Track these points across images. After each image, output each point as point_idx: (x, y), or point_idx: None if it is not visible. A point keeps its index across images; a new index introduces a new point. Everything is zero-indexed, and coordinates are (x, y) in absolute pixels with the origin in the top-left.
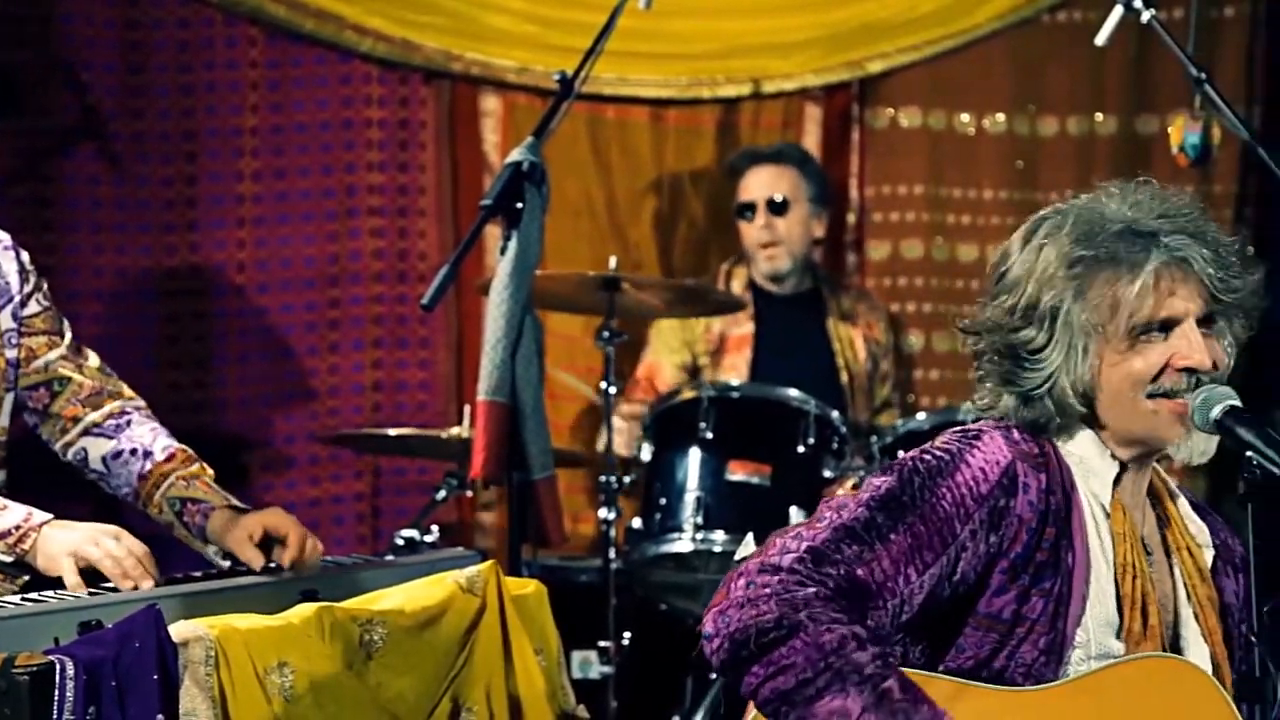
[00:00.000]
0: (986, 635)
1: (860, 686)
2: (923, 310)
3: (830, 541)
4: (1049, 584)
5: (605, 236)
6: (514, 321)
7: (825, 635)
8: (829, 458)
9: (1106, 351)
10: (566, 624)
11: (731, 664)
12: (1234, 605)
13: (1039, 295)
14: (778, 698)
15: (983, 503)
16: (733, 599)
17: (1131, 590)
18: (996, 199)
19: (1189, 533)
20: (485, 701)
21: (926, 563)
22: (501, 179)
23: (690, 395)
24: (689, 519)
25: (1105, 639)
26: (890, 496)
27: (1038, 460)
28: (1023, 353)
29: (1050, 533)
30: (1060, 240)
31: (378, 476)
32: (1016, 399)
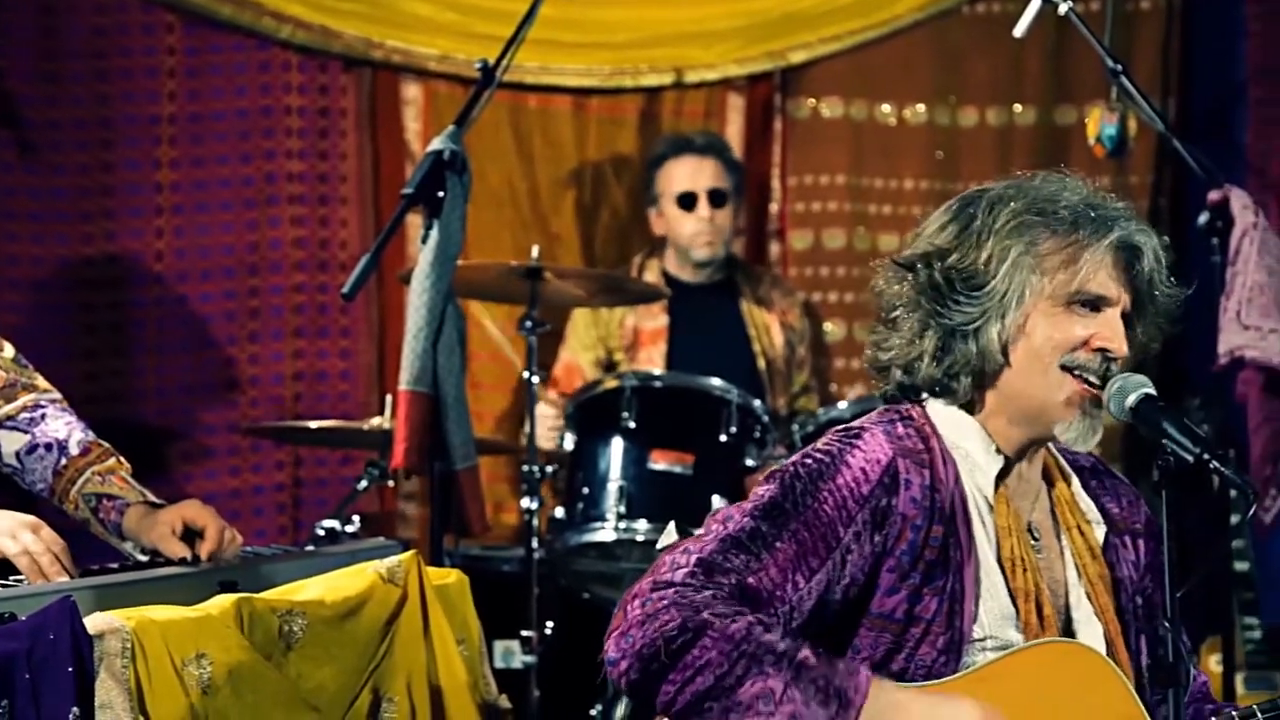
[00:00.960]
0: (880, 635)
1: (777, 664)
2: (844, 300)
3: (718, 553)
4: (941, 582)
5: (528, 226)
6: (435, 311)
7: (732, 626)
8: (751, 446)
9: (1040, 306)
10: (489, 614)
11: (643, 681)
12: (1129, 578)
13: (986, 235)
14: (699, 699)
15: (864, 504)
16: (631, 620)
17: (1023, 584)
18: (918, 189)
19: (1080, 511)
20: (406, 692)
21: (813, 568)
22: (423, 168)
23: (613, 385)
24: (612, 508)
25: (1004, 632)
26: (773, 504)
27: (921, 456)
28: (959, 284)
29: (937, 530)
30: (1017, 202)
31: (298, 467)
32: (937, 339)
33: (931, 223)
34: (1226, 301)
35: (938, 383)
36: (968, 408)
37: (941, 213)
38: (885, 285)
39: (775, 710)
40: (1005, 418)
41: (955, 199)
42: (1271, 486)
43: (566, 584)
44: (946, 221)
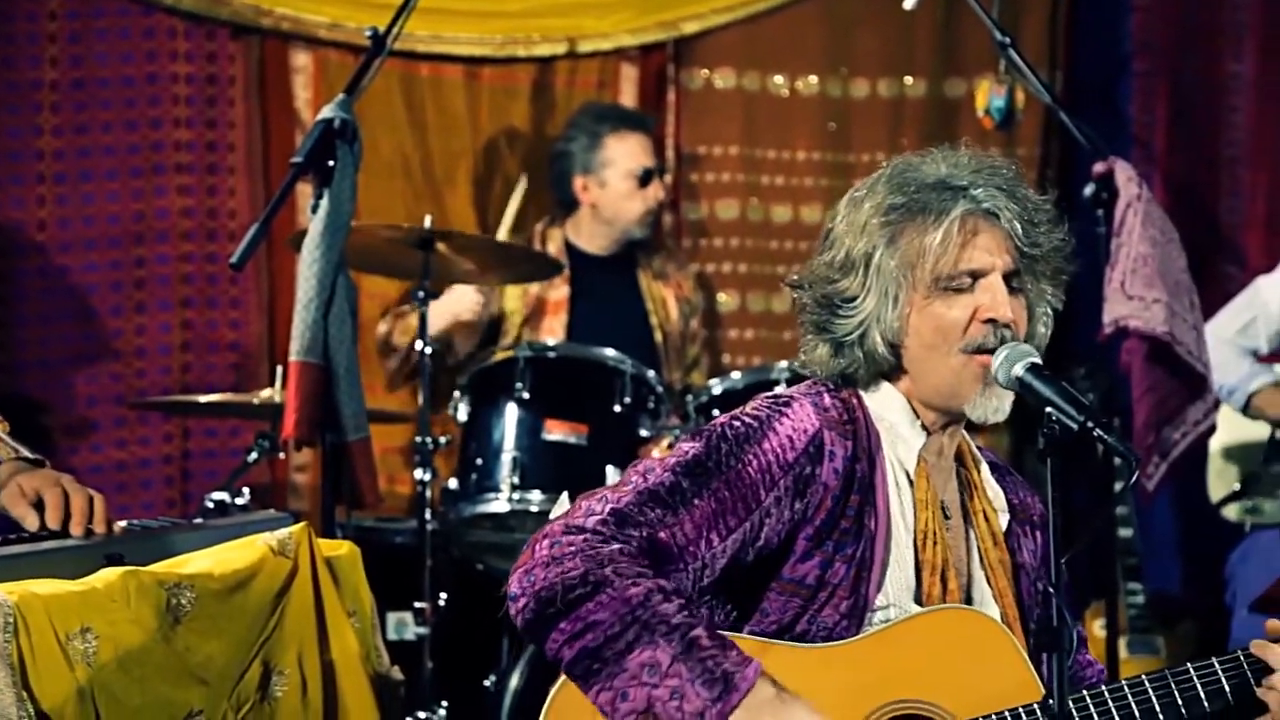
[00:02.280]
0: (790, 600)
1: (669, 636)
2: (738, 270)
3: (634, 504)
4: (852, 550)
5: (420, 196)
6: (326, 281)
7: (631, 589)
8: (645, 417)
9: (915, 299)
10: (381, 585)
11: (537, 622)
12: (1029, 565)
13: (854, 245)
14: (587, 655)
15: (788, 470)
16: (537, 559)
17: (932, 557)
18: (810, 160)
19: (986, 497)
20: (297, 665)
21: (730, 527)
22: (312, 136)
23: (506, 355)
24: (505, 479)
25: (905, 602)
26: (696, 462)
27: (845, 428)
28: (838, 301)
29: (855, 500)
30: (877, 192)
31: (187, 439)
32: (830, 347)
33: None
34: (1111, 272)
35: (840, 376)
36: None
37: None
38: (792, 303)
39: (659, 683)
40: (920, 399)
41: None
42: (1154, 454)
43: (460, 555)
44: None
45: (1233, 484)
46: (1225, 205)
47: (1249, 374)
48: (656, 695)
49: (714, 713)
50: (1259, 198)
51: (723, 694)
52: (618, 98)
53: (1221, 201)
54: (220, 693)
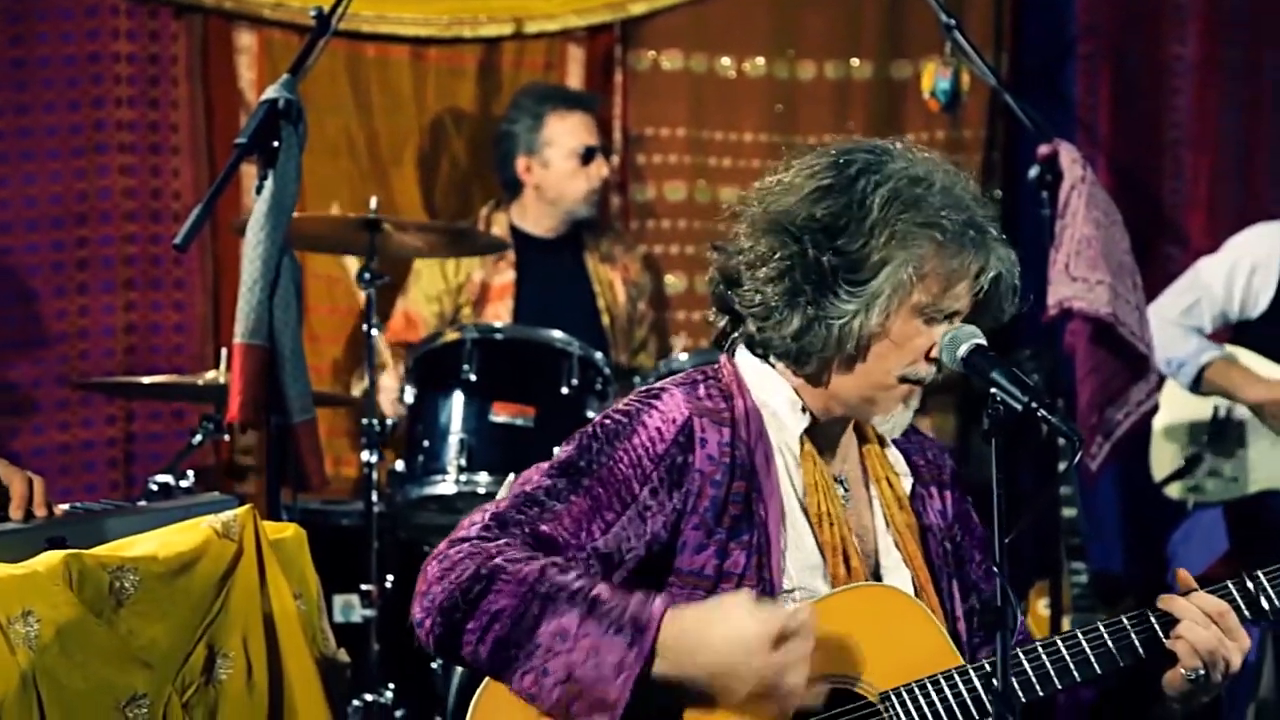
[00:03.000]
0: (694, 593)
1: (571, 601)
2: (685, 252)
3: (512, 508)
4: (746, 536)
5: (366, 177)
6: (271, 263)
7: (525, 568)
8: (593, 399)
9: (902, 313)
10: (328, 568)
11: (448, 633)
12: (936, 526)
13: (882, 231)
14: (500, 645)
15: (659, 462)
16: (430, 579)
17: (831, 538)
18: (757, 141)
19: (887, 463)
20: (242, 647)
21: (608, 522)
22: (256, 117)
23: (453, 337)
24: (452, 461)
25: (812, 582)
26: (569, 464)
27: (721, 415)
28: (842, 279)
29: (740, 485)
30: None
31: (131, 421)
32: (803, 320)
33: (804, 179)
34: (1055, 254)
35: (788, 354)
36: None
37: (818, 172)
38: (750, 231)
39: (574, 646)
40: (832, 397)
41: (831, 156)
42: (1098, 435)
43: (407, 537)
44: (828, 187)
45: (1175, 463)
46: (1168, 187)
47: (1198, 349)
48: (574, 660)
49: (632, 658)
50: (1201, 180)
51: (635, 637)
52: (565, 79)
53: (1164, 184)
54: (164, 676)
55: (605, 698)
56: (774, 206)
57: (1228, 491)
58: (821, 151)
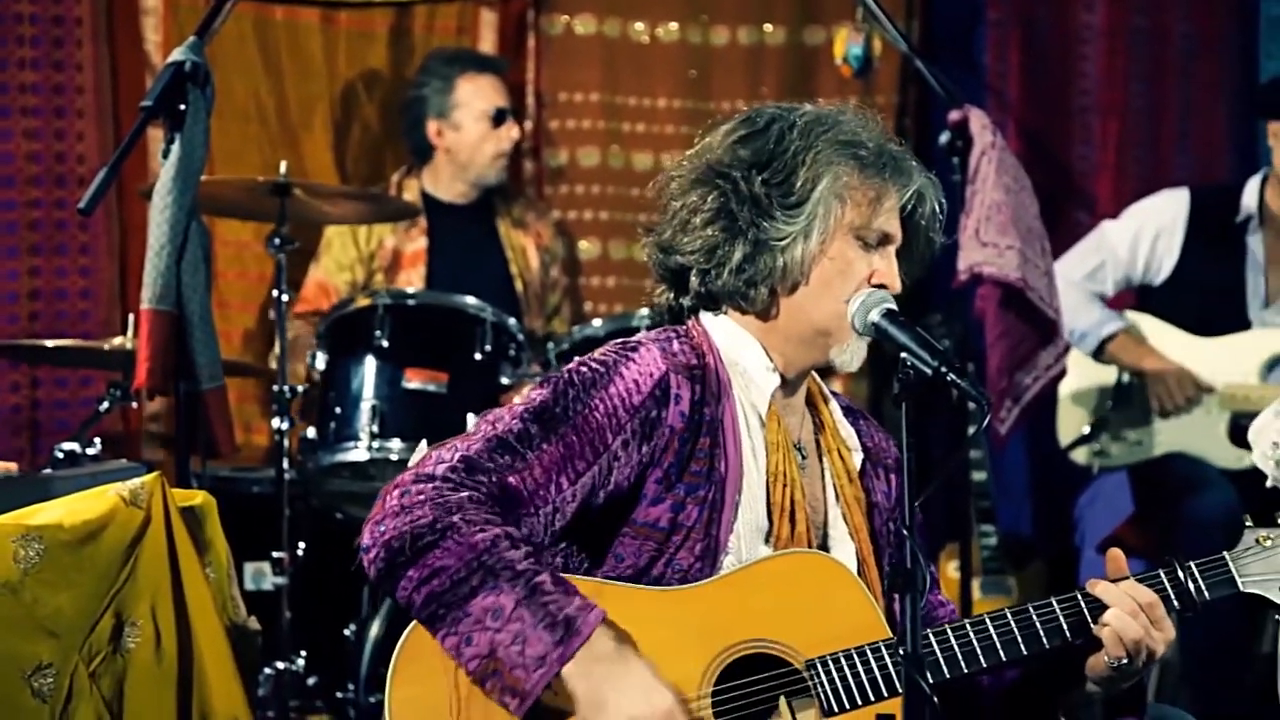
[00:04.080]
0: (644, 544)
1: (513, 582)
2: (599, 218)
3: (483, 451)
4: (703, 492)
5: (276, 142)
6: (179, 227)
7: (478, 535)
8: (506, 365)
9: (837, 235)
10: (239, 536)
11: (388, 571)
12: (882, 505)
13: (807, 156)
14: (433, 600)
15: (634, 414)
16: (388, 509)
17: (781, 499)
18: (671, 107)
19: (840, 436)
20: (150, 616)
21: (579, 471)
22: (162, 80)
23: (365, 303)
24: (365, 427)
25: (755, 545)
26: (544, 408)
27: (694, 371)
28: (777, 204)
29: (704, 442)
30: (829, 132)
31: (36, 388)
32: (746, 250)
33: (722, 136)
34: (966, 219)
35: (736, 292)
36: (759, 317)
37: (734, 127)
38: (680, 190)
39: (502, 627)
40: (787, 336)
41: (745, 116)
42: (1007, 399)
43: (319, 504)
44: (745, 136)
45: (1081, 428)
46: (1077, 153)
47: (1100, 319)
48: (499, 640)
49: (554, 657)
50: (1109, 146)
51: (564, 638)
52: (477, 43)
53: (1073, 150)
54: (70, 645)
55: (518, 685)
56: (696, 163)
57: (1132, 455)
58: (735, 116)
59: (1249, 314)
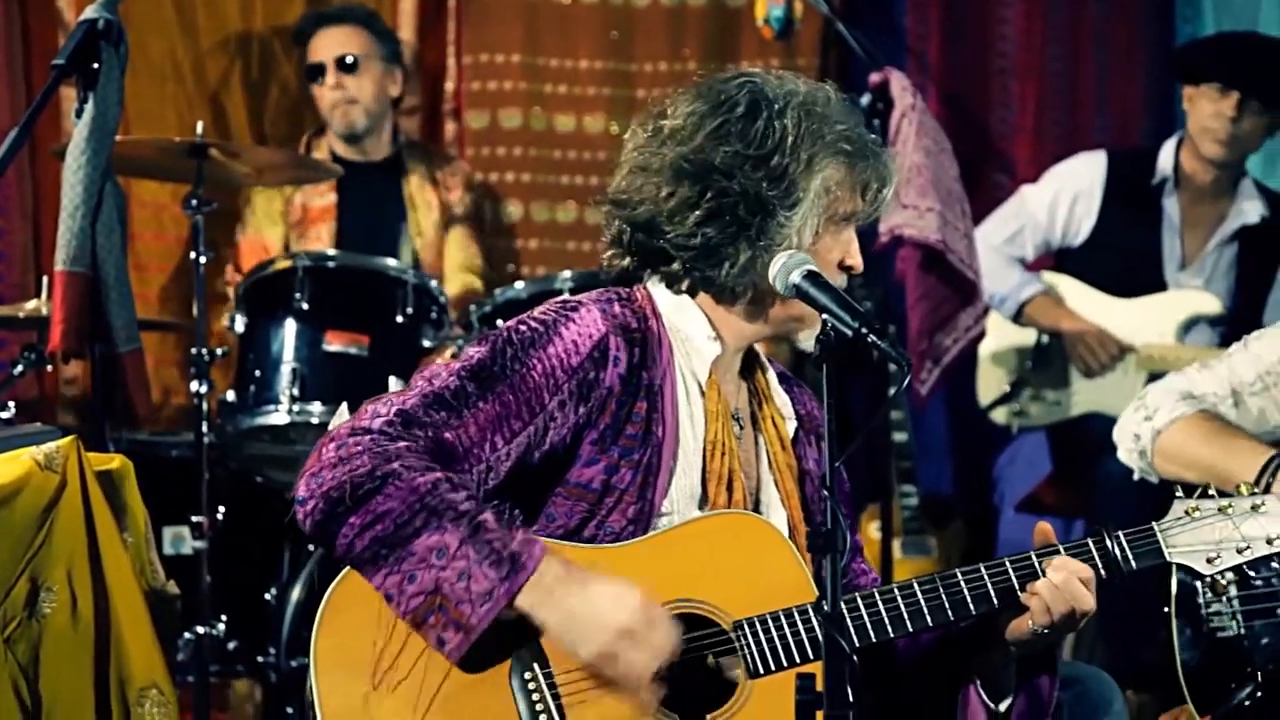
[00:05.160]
0: (576, 505)
1: (457, 521)
2: (522, 180)
3: (420, 406)
4: (638, 455)
5: (193, 101)
6: (93, 188)
7: (419, 479)
8: (428, 327)
9: (827, 229)
10: (157, 500)
11: (327, 521)
12: (813, 472)
13: (801, 154)
14: (376, 543)
15: (572, 375)
16: (324, 461)
17: (720, 467)
18: (592, 69)
19: (775, 404)
20: (67, 581)
21: (514, 430)
22: (75, 37)
23: (284, 265)
24: (285, 390)
25: (689, 511)
26: (482, 366)
27: (634, 334)
28: (780, 206)
29: (641, 406)
30: (813, 123)
31: None
32: (753, 251)
33: (699, 117)
34: None
35: (729, 287)
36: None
37: (712, 108)
38: (669, 179)
39: (447, 565)
40: (760, 319)
41: (714, 92)
42: (927, 360)
43: (238, 468)
44: (728, 121)
45: (1001, 388)
46: (996, 116)
47: (1019, 283)
48: (444, 577)
49: (501, 591)
50: (1027, 109)
51: (510, 573)
52: (396, 4)
53: (992, 112)
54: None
55: (464, 619)
56: (684, 150)
57: (1051, 415)
58: (697, 93)
59: (1165, 276)
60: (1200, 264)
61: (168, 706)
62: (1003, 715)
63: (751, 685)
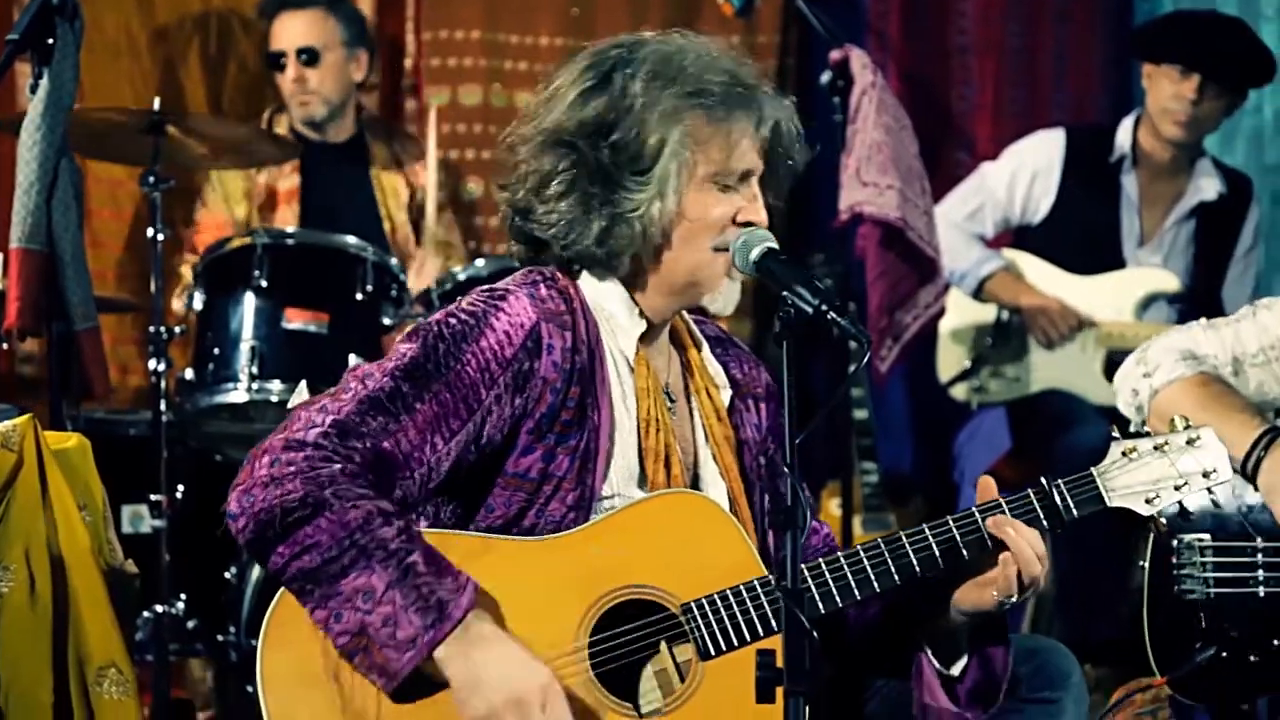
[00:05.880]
0: (515, 494)
1: (385, 563)
2: (482, 157)
3: (355, 414)
4: (575, 441)
5: (149, 78)
6: (48, 165)
7: (351, 513)
8: (388, 305)
9: (693, 187)
10: (116, 478)
11: (257, 543)
12: (751, 439)
13: (650, 113)
14: (303, 576)
15: (507, 367)
16: (257, 478)
17: (656, 444)
18: (553, 45)
19: (708, 374)
20: (24, 560)
21: (453, 430)
22: (29, 12)
23: (243, 242)
24: (244, 368)
25: (629, 491)
26: (415, 365)
27: (563, 319)
28: (627, 173)
29: (575, 391)
30: (668, 78)
31: None
32: (605, 222)
33: (566, 87)
34: (847, 159)
35: (598, 261)
36: (623, 276)
37: (576, 77)
38: (532, 155)
39: (373, 609)
40: (657, 290)
41: (585, 59)
42: (887, 337)
43: (198, 446)
44: (588, 89)
45: (961, 365)
46: (956, 93)
47: (979, 259)
48: (369, 621)
49: (425, 640)
50: (987, 86)
51: (435, 622)
52: None
53: (952, 90)
54: None
55: (388, 665)
56: (544, 124)
57: (1010, 391)
58: (579, 57)
59: (1124, 253)
60: (1158, 241)
61: (127, 685)
62: (956, 679)
63: (704, 667)
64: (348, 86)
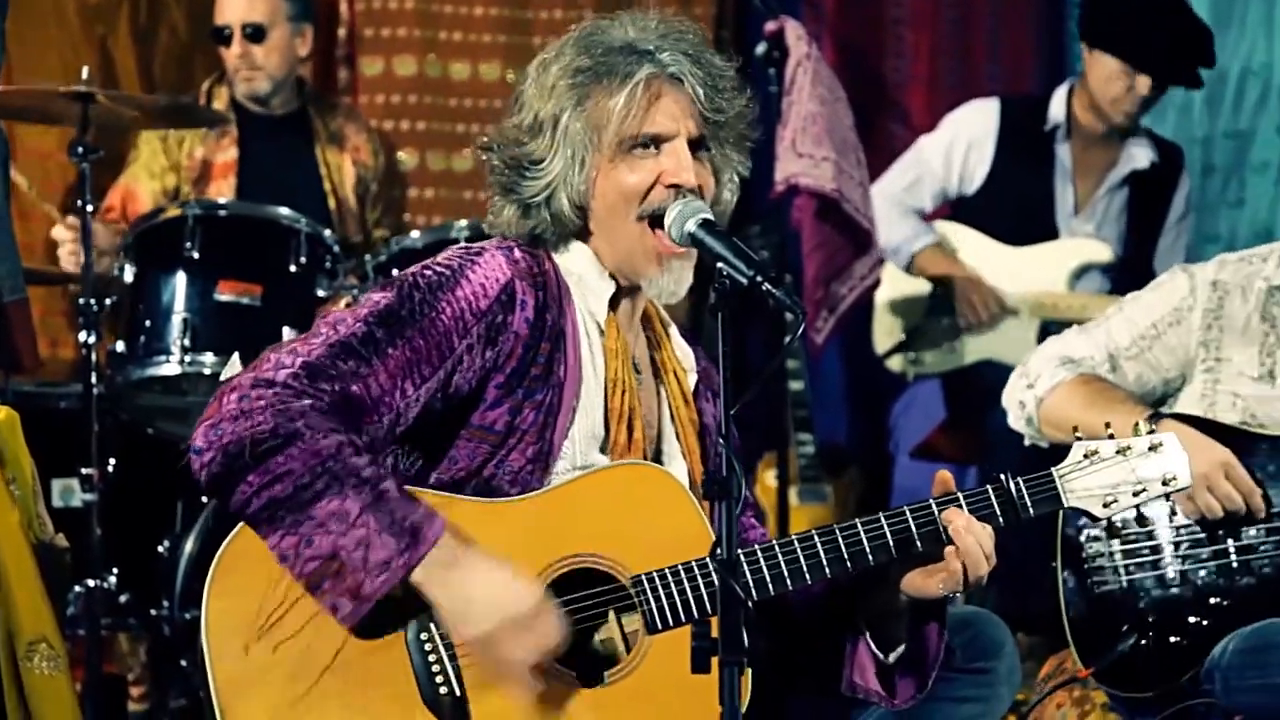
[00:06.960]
0: (479, 447)
1: (359, 488)
2: (417, 128)
3: (326, 357)
4: (541, 396)
5: (78, 47)
6: None
7: (322, 441)
8: (322, 277)
9: (601, 163)
10: (46, 452)
11: (225, 476)
12: (712, 427)
13: (541, 107)
14: (274, 504)
15: (481, 318)
16: (225, 413)
17: (620, 405)
18: (488, 16)
19: (676, 357)
20: None
21: (424, 376)
22: None
23: (174, 213)
24: (176, 341)
25: (590, 451)
26: (389, 311)
27: (536, 278)
28: (525, 163)
29: (545, 348)
30: (564, 54)
31: None
32: (518, 209)
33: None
34: (782, 130)
35: (532, 239)
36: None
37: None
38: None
39: (347, 531)
40: (606, 260)
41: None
42: (823, 309)
43: (129, 419)
44: (521, 92)
45: (896, 336)
46: (890, 65)
47: (912, 234)
48: (343, 544)
49: (400, 563)
50: (921, 58)
51: (409, 545)
52: None
53: (886, 61)
54: None
55: (359, 588)
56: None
57: (945, 363)
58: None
59: (1057, 222)
60: (1091, 209)
61: (58, 660)
62: (891, 666)
63: (650, 640)
64: (293, 62)
